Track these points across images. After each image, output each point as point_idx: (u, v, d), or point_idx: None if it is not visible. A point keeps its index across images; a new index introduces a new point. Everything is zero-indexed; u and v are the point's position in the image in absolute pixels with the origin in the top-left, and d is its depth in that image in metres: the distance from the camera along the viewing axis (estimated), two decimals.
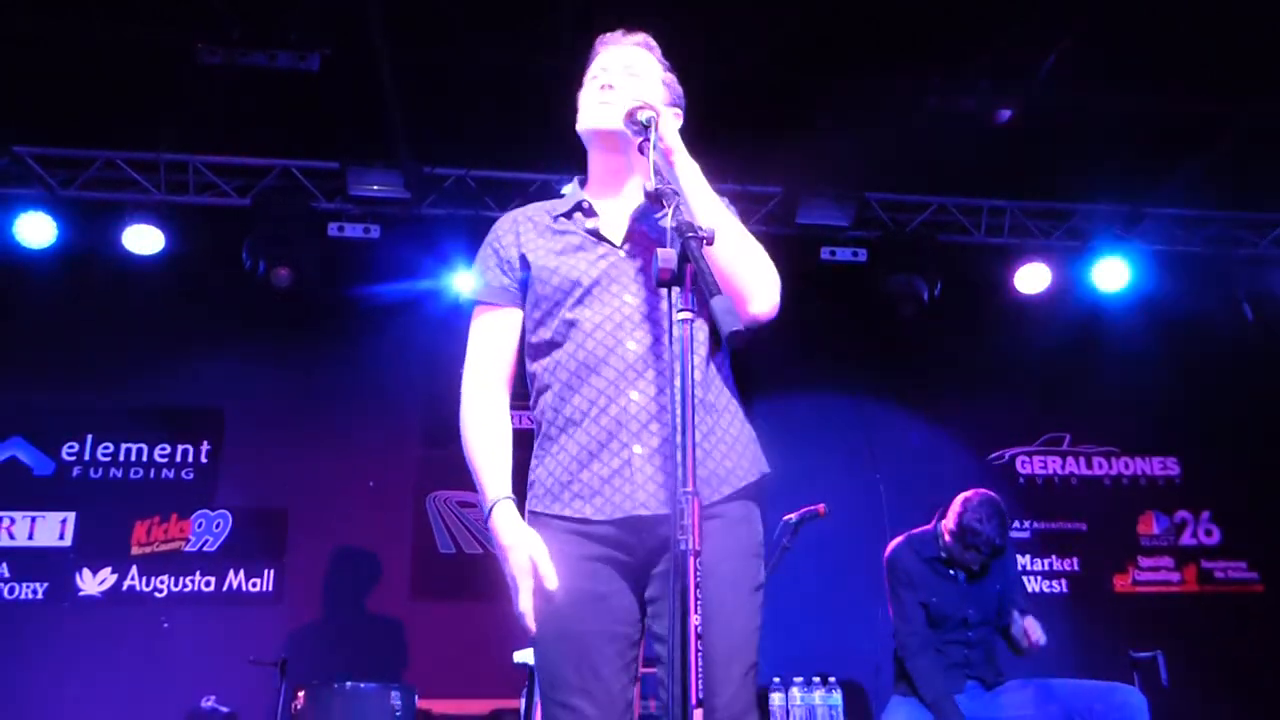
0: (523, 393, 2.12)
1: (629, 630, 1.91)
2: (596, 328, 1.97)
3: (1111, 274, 6.17)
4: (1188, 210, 6.29)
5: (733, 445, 1.99)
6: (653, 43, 2.17)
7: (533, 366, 2.08)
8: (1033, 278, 6.20)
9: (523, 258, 2.08)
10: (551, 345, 2.01)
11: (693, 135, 2.24)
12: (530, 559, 1.87)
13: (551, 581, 1.85)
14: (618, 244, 2.04)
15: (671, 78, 2.17)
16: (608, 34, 2.17)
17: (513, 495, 1.95)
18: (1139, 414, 6.55)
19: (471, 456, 2.01)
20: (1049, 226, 6.33)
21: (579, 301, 1.99)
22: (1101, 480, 6.71)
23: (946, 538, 3.89)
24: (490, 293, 2.11)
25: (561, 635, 1.87)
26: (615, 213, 2.09)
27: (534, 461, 2.04)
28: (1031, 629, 3.80)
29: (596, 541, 1.90)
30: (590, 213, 2.09)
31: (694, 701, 1.31)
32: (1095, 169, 5.71)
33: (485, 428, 2.03)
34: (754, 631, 1.88)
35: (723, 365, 2.08)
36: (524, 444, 2.05)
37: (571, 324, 1.99)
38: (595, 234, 2.05)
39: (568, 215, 2.10)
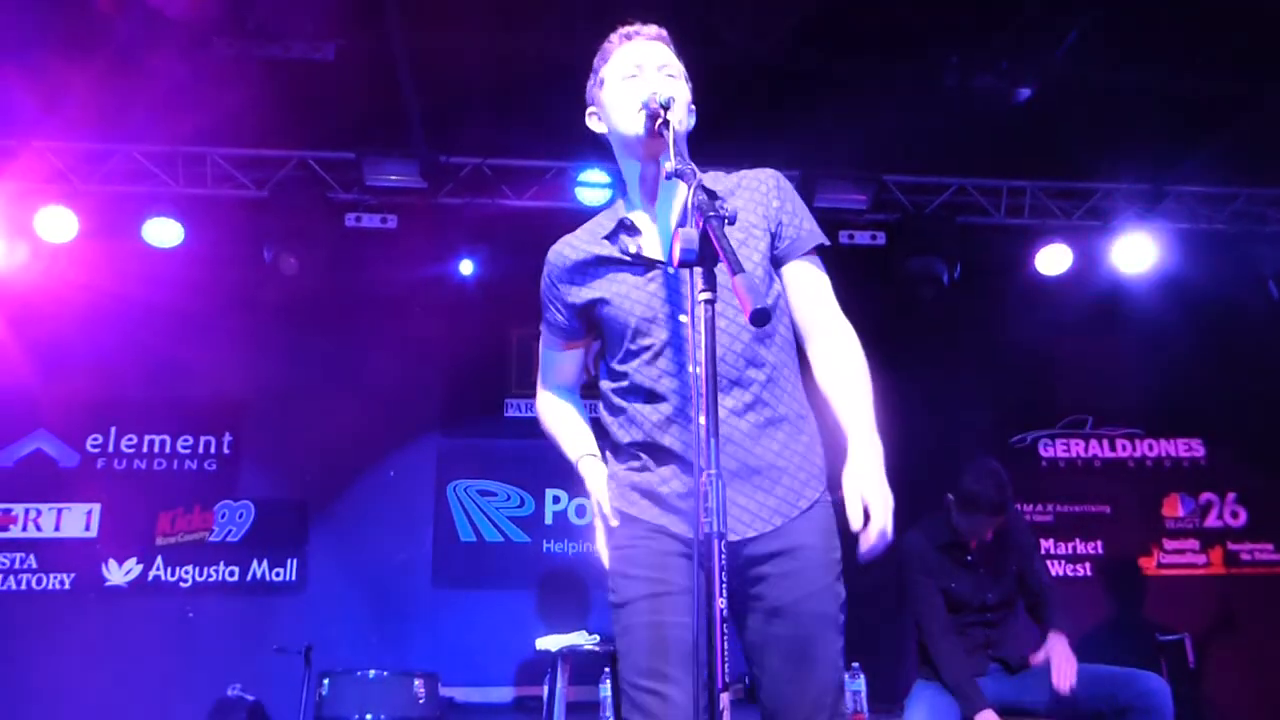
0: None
1: None
2: (658, 355, 1.98)
3: (1134, 253, 6.09)
4: (1211, 188, 6.21)
5: (805, 457, 2.02)
6: (667, 36, 2.14)
7: (605, 384, 2.11)
8: (1054, 258, 6.14)
9: (569, 306, 2.12)
10: (620, 374, 2.05)
11: (709, 117, 2.22)
12: (597, 503, 2.09)
13: (613, 520, 2.04)
14: (663, 261, 2.03)
15: (686, 73, 2.15)
16: (628, 26, 2.13)
17: (592, 451, 2.18)
18: (1162, 395, 6.48)
19: (552, 437, 2.26)
20: (1070, 206, 6.27)
21: (638, 331, 2.01)
22: (1125, 462, 6.65)
23: (953, 514, 3.87)
24: (548, 326, 2.22)
25: (647, 625, 1.92)
26: (660, 225, 2.07)
27: (611, 463, 2.10)
28: (1062, 672, 3.60)
29: (680, 542, 1.97)
30: (633, 230, 2.07)
31: (720, 685, 1.30)
32: (1116, 147, 5.63)
33: (553, 415, 2.28)
34: (838, 669, 1.96)
35: (785, 358, 2.07)
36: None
37: (634, 353, 2.01)
38: (640, 257, 2.04)
39: (611, 237, 2.08)
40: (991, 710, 3.56)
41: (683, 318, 1.98)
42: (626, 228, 2.07)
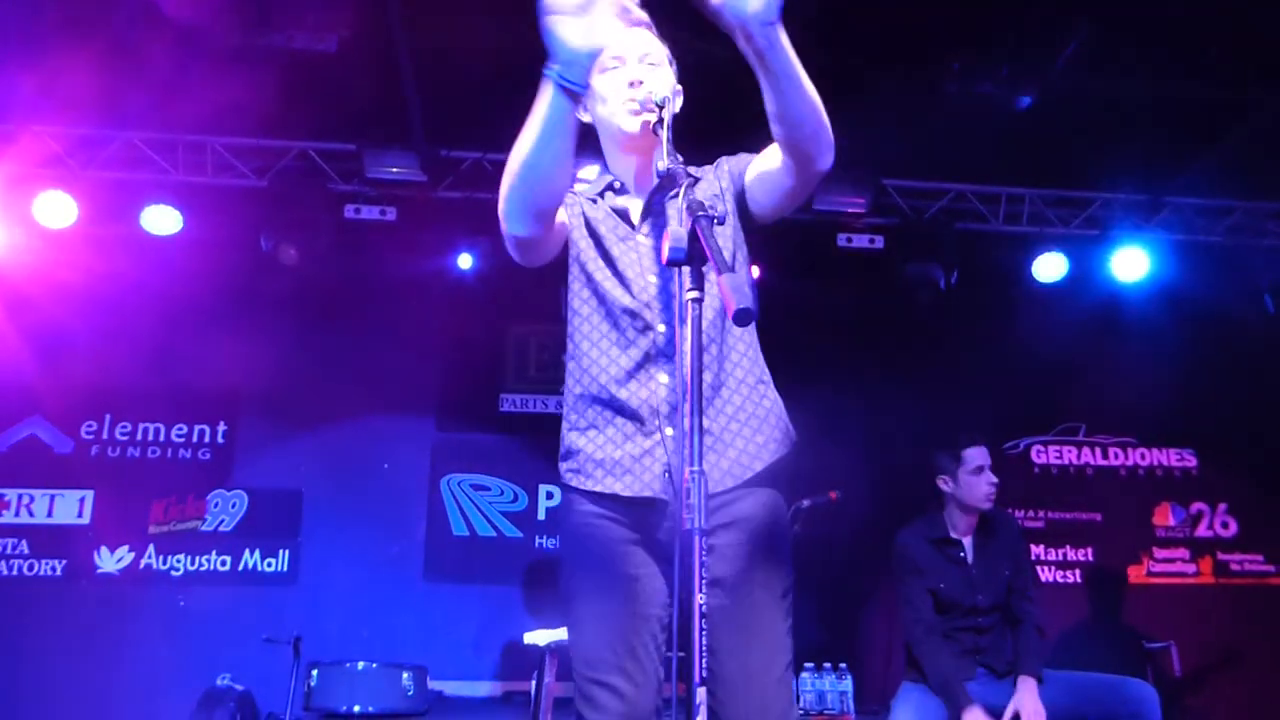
0: (558, 377, 2.17)
1: (660, 612, 1.95)
2: (624, 310, 1.99)
3: (1131, 263, 6.11)
4: (1209, 200, 6.22)
5: (763, 421, 2.01)
6: (649, 22, 2.15)
7: (570, 328, 2.11)
8: (1051, 266, 6.16)
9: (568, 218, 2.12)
10: (581, 323, 2.05)
11: (710, 118, 2.23)
12: None
13: None
14: (636, 225, 2.07)
15: (670, 54, 2.16)
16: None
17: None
18: (1156, 405, 6.50)
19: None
20: (1068, 215, 6.28)
21: (609, 282, 2.03)
22: (1117, 471, 6.67)
23: (957, 488, 3.89)
24: None
25: (598, 615, 1.91)
26: (641, 205, 2.12)
27: (569, 431, 2.07)
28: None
29: (630, 526, 1.95)
30: (621, 190, 2.12)
31: (697, 680, 1.32)
32: (1115, 157, 5.65)
33: None
34: (786, 649, 1.93)
35: (749, 336, 2.08)
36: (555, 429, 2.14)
37: (599, 304, 2.02)
38: (622, 214, 2.08)
39: (600, 196, 2.14)
40: (979, 707, 3.58)
41: (651, 278, 2.01)
42: (615, 190, 2.12)
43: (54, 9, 4.64)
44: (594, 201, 2.14)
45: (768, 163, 2.02)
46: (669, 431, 1.94)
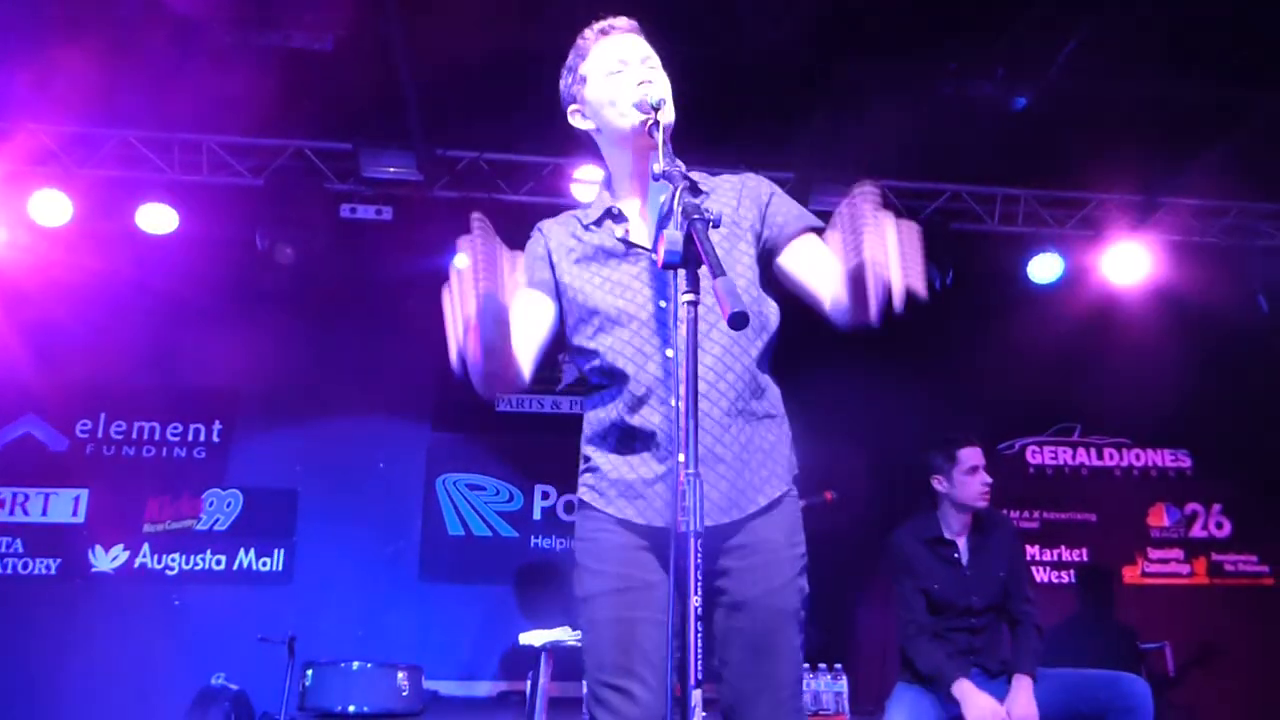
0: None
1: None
2: (635, 334, 1.99)
3: (1126, 264, 6.12)
4: (1204, 200, 6.23)
5: (768, 455, 2.02)
6: (639, 27, 2.16)
7: (582, 368, 2.11)
8: (1046, 267, 6.16)
9: (553, 267, 2.10)
10: (594, 352, 2.04)
11: (706, 117, 2.24)
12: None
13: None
14: (648, 249, 2.05)
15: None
16: (604, 22, 2.15)
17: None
18: (1151, 405, 6.51)
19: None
20: (1063, 215, 6.29)
21: (616, 308, 2.01)
22: (1112, 471, 6.69)
23: (951, 487, 3.90)
24: (528, 281, 2.10)
25: (612, 620, 1.92)
26: (649, 217, 2.10)
27: (591, 450, 2.08)
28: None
29: (644, 535, 1.97)
30: (620, 218, 2.10)
31: (693, 682, 1.32)
32: (1111, 158, 5.65)
33: None
34: (798, 664, 1.97)
35: (764, 363, 2.09)
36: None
37: (610, 331, 2.01)
38: (625, 241, 2.07)
39: (597, 224, 2.11)
40: (968, 680, 3.60)
41: (662, 303, 2.00)
42: (614, 215, 2.10)
43: (50, 7, 4.63)
44: (589, 229, 2.12)
45: (820, 276, 2.04)
46: (682, 458, 1.94)
